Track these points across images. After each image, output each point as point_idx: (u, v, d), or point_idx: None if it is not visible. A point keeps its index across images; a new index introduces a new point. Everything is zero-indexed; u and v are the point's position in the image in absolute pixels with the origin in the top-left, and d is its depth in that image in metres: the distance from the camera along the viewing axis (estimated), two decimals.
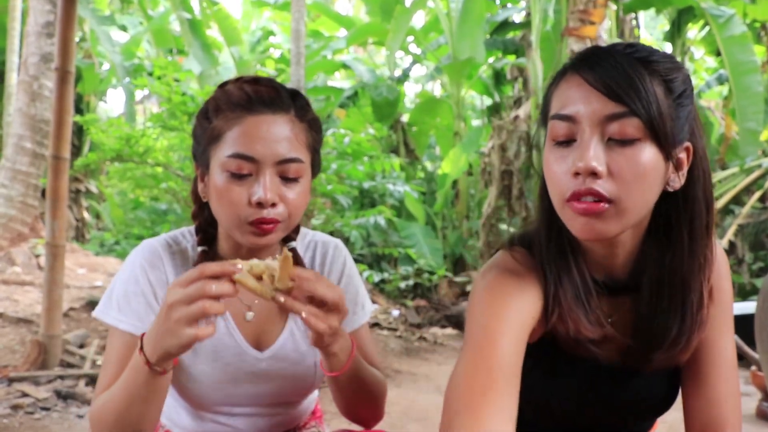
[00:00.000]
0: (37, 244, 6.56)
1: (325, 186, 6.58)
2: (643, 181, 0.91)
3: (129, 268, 1.19)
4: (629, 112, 0.89)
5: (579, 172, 0.91)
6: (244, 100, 1.12)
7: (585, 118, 0.92)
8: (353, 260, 1.34)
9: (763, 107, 7.67)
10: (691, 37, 9.83)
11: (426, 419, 3.47)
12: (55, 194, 3.76)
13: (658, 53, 0.96)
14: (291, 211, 1.13)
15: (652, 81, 0.91)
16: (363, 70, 11.03)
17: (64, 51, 3.74)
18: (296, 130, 1.14)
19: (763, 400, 3.63)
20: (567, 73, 0.97)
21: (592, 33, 6.87)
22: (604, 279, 1.04)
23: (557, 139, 0.95)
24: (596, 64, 0.93)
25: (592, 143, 0.91)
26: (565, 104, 0.94)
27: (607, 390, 1.09)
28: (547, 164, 0.97)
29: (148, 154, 5.84)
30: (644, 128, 0.90)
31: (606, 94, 0.91)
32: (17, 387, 3.47)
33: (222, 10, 11.05)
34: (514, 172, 8.65)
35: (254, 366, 1.22)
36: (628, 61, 0.92)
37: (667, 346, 1.02)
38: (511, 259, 1.05)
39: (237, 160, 1.09)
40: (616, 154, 0.91)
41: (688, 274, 1.00)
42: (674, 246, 0.99)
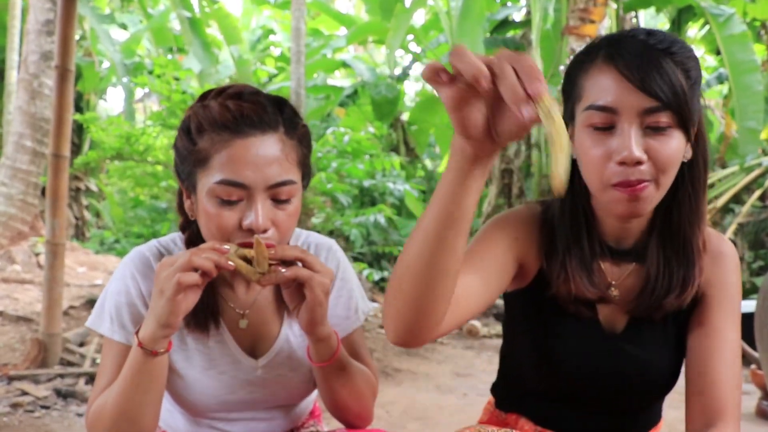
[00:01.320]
0: (37, 242, 6.56)
1: (325, 184, 6.58)
2: (675, 161, 1.03)
3: (120, 279, 1.17)
4: (663, 106, 0.99)
5: (625, 161, 0.99)
6: (229, 121, 1.05)
7: (624, 110, 1.00)
8: (350, 261, 1.33)
9: (763, 106, 7.66)
10: (691, 35, 9.83)
11: (426, 418, 3.47)
12: (55, 192, 3.76)
13: (676, 43, 1.04)
14: (283, 233, 1.09)
15: (677, 72, 1.01)
16: (363, 68, 11.03)
17: (64, 49, 3.74)
18: (287, 149, 1.09)
19: (763, 399, 3.63)
20: (598, 61, 1.04)
21: (592, 32, 6.86)
22: (612, 245, 1.14)
23: (595, 125, 1.03)
24: (632, 58, 1.01)
25: (633, 134, 1.00)
26: (602, 96, 1.02)
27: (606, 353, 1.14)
28: (583, 147, 1.05)
29: (148, 152, 5.85)
30: (675, 118, 1.00)
31: (642, 89, 0.99)
32: (17, 385, 3.47)
33: (222, 9, 11.04)
34: (513, 171, 8.65)
35: (250, 374, 1.21)
36: (657, 55, 1.01)
37: (674, 292, 1.11)
38: (524, 207, 1.18)
39: (227, 187, 1.04)
40: (653, 140, 1.01)
41: (688, 229, 1.11)
42: (680, 206, 1.10)
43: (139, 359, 1.03)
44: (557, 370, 1.15)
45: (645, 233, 1.14)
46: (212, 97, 1.10)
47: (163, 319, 0.99)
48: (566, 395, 1.18)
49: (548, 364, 1.14)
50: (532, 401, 1.15)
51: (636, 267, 1.14)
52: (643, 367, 1.14)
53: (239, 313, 1.21)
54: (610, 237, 1.14)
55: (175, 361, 1.18)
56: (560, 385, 1.17)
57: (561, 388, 1.17)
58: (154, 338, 1.01)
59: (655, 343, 1.15)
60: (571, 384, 1.16)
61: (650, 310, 1.13)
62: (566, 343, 1.14)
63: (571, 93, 1.09)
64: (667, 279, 1.11)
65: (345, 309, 1.27)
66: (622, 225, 1.12)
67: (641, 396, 1.18)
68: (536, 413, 1.21)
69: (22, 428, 3.01)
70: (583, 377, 1.15)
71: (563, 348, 1.14)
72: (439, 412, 3.62)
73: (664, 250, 1.12)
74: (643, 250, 1.14)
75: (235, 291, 1.22)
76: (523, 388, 1.22)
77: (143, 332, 1.02)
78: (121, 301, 1.16)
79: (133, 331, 1.12)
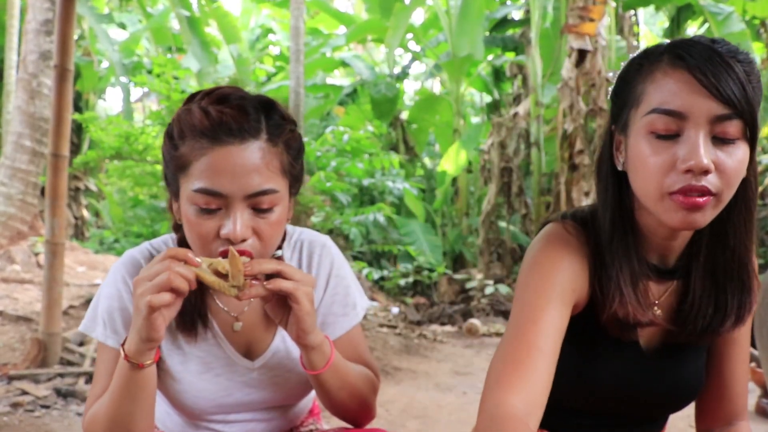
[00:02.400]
0: (37, 242, 6.56)
1: (324, 183, 6.58)
2: (740, 176, 0.96)
3: (112, 283, 1.17)
4: (735, 114, 0.93)
5: (692, 169, 0.93)
6: (207, 128, 1.02)
7: (694, 115, 0.93)
8: (350, 259, 1.32)
9: (762, 105, 7.66)
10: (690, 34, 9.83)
11: (425, 416, 3.47)
12: (54, 192, 3.76)
13: (740, 52, 0.97)
14: (265, 243, 1.06)
15: (744, 79, 0.94)
16: (362, 67, 11.02)
17: (63, 49, 3.73)
18: (268, 157, 1.04)
19: (762, 397, 3.64)
20: (663, 65, 0.97)
21: (591, 30, 6.86)
22: (656, 262, 1.08)
23: (658, 132, 0.96)
24: (704, 60, 0.94)
25: (701, 141, 0.93)
26: (671, 100, 0.95)
27: (646, 375, 1.12)
28: (641, 155, 0.97)
29: (148, 151, 5.85)
30: (744, 128, 0.94)
31: (716, 95, 0.92)
32: (17, 385, 3.47)
33: (221, 8, 11.04)
34: (513, 169, 8.65)
35: (245, 376, 1.20)
36: (730, 63, 0.94)
37: (734, 320, 1.06)
38: (563, 230, 1.08)
39: (204, 195, 1.02)
40: (720, 151, 0.94)
41: (744, 251, 1.06)
42: (735, 227, 1.04)
43: (127, 371, 1.03)
44: (594, 390, 1.12)
45: (687, 252, 1.09)
46: (197, 101, 1.07)
47: (144, 334, 0.98)
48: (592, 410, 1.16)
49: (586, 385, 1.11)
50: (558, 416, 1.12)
51: (677, 286, 1.10)
52: (679, 385, 1.13)
53: (233, 317, 1.20)
54: (654, 255, 1.08)
55: (170, 365, 1.17)
56: (592, 403, 1.14)
57: (592, 405, 1.15)
58: (138, 351, 1.01)
59: (692, 361, 1.14)
60: (604, 402, 1.14)
61: (693, 335, 1.09)
62: (607, 366, 1.11)
63: (627, 99, 1.02)
64: (714, 304, 1.07)
65: (342, 306, 1.25)
66: (668, 242, 1.06)
67: (671, 409, 1.18)
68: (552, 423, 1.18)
69: (22, 428, 3.01)
70: (619, 397, 1.12)
71: (603, 370, 1.11)
72: (439, 410, 3.62)
73: (714, 274, 1.07)
74: (684, 268, 1.09)
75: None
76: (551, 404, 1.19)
77: (128, 346, 1.01)
78: (113, 306, 1.16)
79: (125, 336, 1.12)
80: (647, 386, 1.12)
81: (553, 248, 1.06)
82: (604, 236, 1.06)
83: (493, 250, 8.62)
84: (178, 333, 1.17)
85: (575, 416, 1.17)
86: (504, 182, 8.68)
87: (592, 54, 6.90)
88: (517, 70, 9.47)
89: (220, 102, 1.05)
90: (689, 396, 1.15)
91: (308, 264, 1.25)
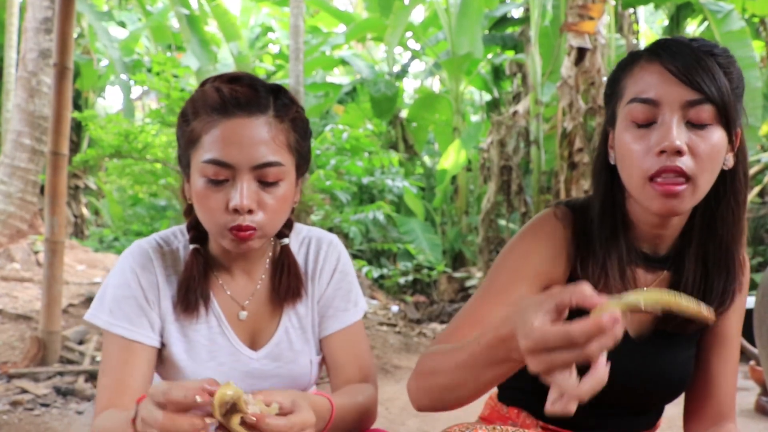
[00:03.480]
0: (36, 240, 6.55)
1: (323, 182, 6.58)
2: (715, 160, 1.01)
3: (120, 273, 1.18)
4: (705, 99, 0.99)
5: (665, 150, 0.99)
6: (218, 102, 1.08)
7: (667, 102, 1.00)
8: (351, 257, 1.33)
9: (761, 102, 7.66)
10: (690, 32, 9.82)
11: (425, 415, 3.47)
12: (54, 190, 3.76)
13: (717, 47, 1.04)
14: (270, 217, 1.10)
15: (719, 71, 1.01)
16: (362, 65, 11.02)
17: (62, 47, 3.73)
18: (274, 131, 1.10)
19: (762, 395, 3.64)
20: (641, 61, 1.05)
21: (590, 28, 6.86)
22: (647, 251, 1.13)
23: (637, 121, 1.03)
24: (676, 54, 1.02)
25: (673, 124, 0.99)
26: (646, 89, 1.02)
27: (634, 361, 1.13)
28: (624, 144, 1.04)
29: (147, 150, 5.85)
30: (716, 114, 1.00)
31: (686, 82, 0.99)
32: (17, 383, 3.47)
33: (220, 6, 11.03)
34: (513, 168, 8.65)
35: (248, 365, 1.21)
36: (702, 54, 1.01)
37: (716, 306, 1.10)
38: (551, 215, 1.15)
39: (213, 166, 1.07)
40: (694, 135, 1.00)
41: (731, 242, 1.11)
42: (723, 218, 1.10)
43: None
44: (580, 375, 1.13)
45: (678, 242, 1.13)
46: (210, 82, 1.13)
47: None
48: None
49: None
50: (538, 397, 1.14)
51: (668, 275, 1.14)
52: (668, 374, 1.15)
53: (239, 305, 1.22)
54: (645, 243, 1.13)
55: (176, 353, 1.19)
56: None
57: None
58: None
59: (679, 347, 1.15)
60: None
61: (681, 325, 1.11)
62: None
63: (612, 95, 1.10)
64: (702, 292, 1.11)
65: (344, 301, 1.27)
66: (657, 231, 1.11)
67: (660, 398, 1.18)
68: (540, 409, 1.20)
69: (22, 426, 3.01)
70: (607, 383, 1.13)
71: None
72: None
73: (705, 263, 1.11)
74: (677, 259, 1.13)
75: (235, 279, 1.23)
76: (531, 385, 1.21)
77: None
78: (120, 294, 1.16)
79: (131, 325, 1.14)
80: (635, 373, 1.13)
81: (532, 232, 1.13)
82: (594, 223, 1.12)
83: (492, 248, 8.61)
84: (185, 322, 1.19)
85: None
86: (503, 180, 8.68)
87: (592, 52, 6.89)
88: (516, 69, 9.46)
89: (232, 81, 1.11)
90: (677, 385, 1.17)
91: (315, 259, 1.28)
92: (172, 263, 1.20)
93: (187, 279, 1.17)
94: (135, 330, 1.14)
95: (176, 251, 1.22)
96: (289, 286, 1.23)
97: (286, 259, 1.24)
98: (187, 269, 1.18)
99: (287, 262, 1.24)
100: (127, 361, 1.13)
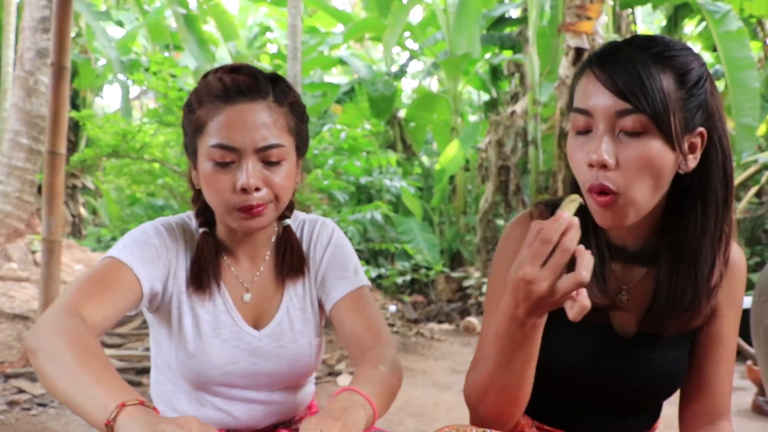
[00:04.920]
0: (34, 240, 6.55)
1: (321, 181, 6.58)
2: (649, 170, 0.99)
3: (143, 227, 1.23)
4: (634, 109, 0.97)
5: (592, 163, 1.00)
6: (221, 90, 1.15)
7: (598, 113, 1.00)
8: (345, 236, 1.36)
9: (759, 103, 7.67)
10: (688, 32, 9.83)
11: (423, 414, 3.48)
12: (51, 190, 3.75)
13: (674, 46, 1.02)
14: (277, 192, 1.17)
15: (662, 76, 0.98)
16: (360, 65, 11.01)
17: (59, 46, 3.72)
18: (275, 115, 1.17)
19: (759, 395, 3.65)
20: (586, 70, 1.05)
21: (588, 28, 6.86)
22: (620, 246, 1.13)
23: (578, 129, 1.04)
24: (609, 62, 1.01)
25: (603, 138, 0.99)
26: (583, 99, 1.03)
27: (620, 359, 1.14)
28: (570, 151, 1.07)
29: (145, 149, 5.83)
30: (650, 123, 0.98)
31: (614, 92, 0.99)
32: (14, 383, 3.47)
33: (218, 6, 11.02)
34: (510, 168, 8.65)
35: (251, 344, 1.26)
36: (640, 58, 0.99)
37: (680, 312, 1.10)
38: (527, 216, 1.19)
39: (220, 149, 1.14)
40: (625, 146, 0.99)
41: (697, 247, 1.08)
42: (686, 221, 1.07)
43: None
44: (567, 373, 1.14)
45: (653, 238, 1.12)
46: (212, 73, 1.20)
47: None
48: (572, 395, 1.18)
49: (558, 368, 1.14)
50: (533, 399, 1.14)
51: (648, 271, 1.14)
52: (655, 370, 1.14)
53: (243, 286, 1.28)
54: (616, 240, 1.14)
55: (185, 325, 1.23)
56: (567, 386, 1.16)
57: (568, 389, 1.17)
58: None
59: (667, 346, 1.15)
60: (577, 386, 1.16)
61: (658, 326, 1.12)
62: (577, 349, 1.14)
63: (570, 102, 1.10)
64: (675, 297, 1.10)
65: (342, 270, 1.30)
66: (621, 231, 1.12)
67: (650, 397, 1.18)
68: (536, 410, 1.20)
69: (19, 426, 3.01)
70: (592, 380, 1.15)
71: (574, 353, 1.13)
72: (436, 408, 3.63)
73: (677, 265, 1.10)
74: (654, 255, 1.12)
75: (239, 263, 1.29)
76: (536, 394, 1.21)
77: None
78: (141, 239, 1.19)
79: (141, 264, 1.15)
80: (622, 371, 1.14)
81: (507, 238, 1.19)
82: None
83: (490, 248, 8.61)
84: (194, 298, 1.24)
85: (561, 406, 1.19)
86: (501, 180, 8.68)
87: (590, 52, 6.90)
88: (514, 69, 9.46)
89: (233, 71, 1.19)
90: (668, 385, 1.17)
91: (309, 237, 1.34)
92: (190, 240, 1.26)
93: (199, 260, 1.23)
94: (142, 269, 1.15)
95: (193, 231, 1.27)
96: (292, 262, 1.29)
97: (289, 238, 1.30)
98: (198, 250, 1.23)
99: (289, 240, 1.30)
100: (114, 282, 1.11)
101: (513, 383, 1.03)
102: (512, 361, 1.00)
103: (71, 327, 0.99)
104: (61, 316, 1.02)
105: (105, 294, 1.09)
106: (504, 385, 1.03)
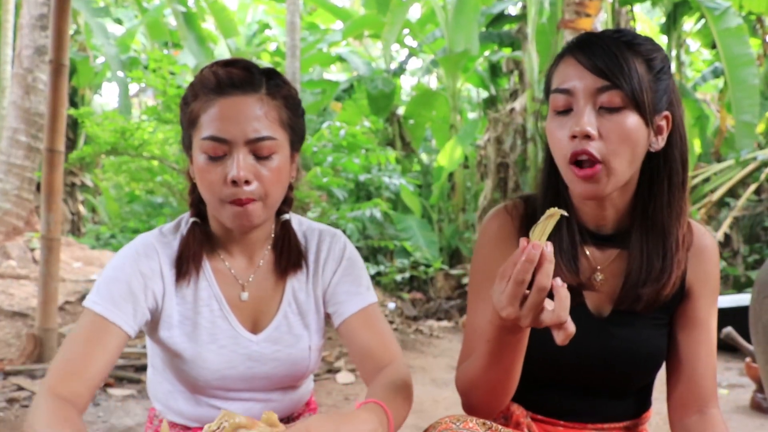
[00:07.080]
0: (33, 237, 6.55)
1: (320, 179, 6.57)
2: (628, 142, 1.08)
3: (120, 257, 1.21)
4: (613, 85, 1.07)
5: (575, 135, 1.08)
6: (215, 83, 1.16)
7: (579, 91, 1.10)
8: None
9: (758, 100, 7.67)
10: (687, 29, 9.83)
11: (421, 411, 3.48)
12: (50, 187, 3.75)
13: (640, 37, 1.14)
14: (267, 187, 1.16)
15: (634, 60, 1.09)
16: (359, 62, 11.00)
17: (58, 43, 3.72)
18: (267, 108, 1.16)
19: (757, 392, 3.65)
20: (564, 56, 1.15)
21: (587, 25, 6.85)
22: (594, 230, 1.21)
23: (557, 109, 1.12)
24: (587, 47, 1.11)
25: (585, 111, 1.08)
26: (563, 80, 1.12)
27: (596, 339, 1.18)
28: (549, 131, 1.14)
29: (144, 147, 5.82)
30: (627, 99, 1.08)
31: (595, 72, 1.09)
32: (13, 380, 3.47)
33: (217, 3, 11.00)
34: (509, 165, 8.65)
35: (248, 348, 1.24)
36: (614, 43, 1.10)
37: (651, 283, 1.16)
38: (502, 210, 1.27)
39: (211, 142, 1.14)
40: (606, 120, 1.08)
41: (667, 222, 1.17)
42: (655, 198, 1.17)
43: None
44: (545, 354, 1.17)
45: (625, 220, 1.20)
46: (208, 67, 1.21)
47: None
48: (556, 380, 1.22)
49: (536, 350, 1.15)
50: (523, 388, 1.17)
51: (620, 253, 1.20)
52: (631, 347, 1.19)
53: (239, 283, 1.25)
54: (590, 223, 1.20)
55: (176, 336, 1.22)
56: (549, 370, 1.20)
57: (550, 373, 1.21)
58: None
59: (641, 323, 1.20)
60: (560, 368, 1.19)
61: (632, 300, 1.17)
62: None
63: (546, 88, 1.19)
64: (646, 269, 1.17)
65: (355, 285, 1.29)
66: (598, 212, 1.19)
67: (629, 376, 1.21)
68: (528, 399, 1.24)
69: (18, 423, 3.01)
70: (572, 360, 1.18)
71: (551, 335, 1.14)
72: (435, 405, 3.63)
73: (647, 240, 1.17)
74: (626, 237, 1.19)
75: (234, 258, 1.27)
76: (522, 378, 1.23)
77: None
78: (112, 276, 1.18)
79: (113, 306, 1.15)
80: (599, 351, 1.18)
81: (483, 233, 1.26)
82: (539, 209, 1.18)
83: None
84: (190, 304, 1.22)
85: (548, 392, 1.23)
86: (500, 178, 8.67)
87: None
88: (513, 66, 9.45)
89: (228, 65, 1.19)
90: (645, 362, 1.20)
91: (317, 249, 1.31)
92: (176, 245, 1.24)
93: (183, 248, 1.23)
94: (115, 311, 1.15)
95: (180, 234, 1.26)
96: (290, 257, 1.27)
97: (287, 233, 1.29)
98: (184, 239, 1.23)
99: (288, 235, 1.29)
100: (96, 340, 1.13)
101: (501, 378, 1.09)
102: (501, 361, 1.07)
103: (59, 416, 1.05)
104: (51, 404, 1.06)
105: (92, 354, 1.12)
106: (493, 381, 1.10)
